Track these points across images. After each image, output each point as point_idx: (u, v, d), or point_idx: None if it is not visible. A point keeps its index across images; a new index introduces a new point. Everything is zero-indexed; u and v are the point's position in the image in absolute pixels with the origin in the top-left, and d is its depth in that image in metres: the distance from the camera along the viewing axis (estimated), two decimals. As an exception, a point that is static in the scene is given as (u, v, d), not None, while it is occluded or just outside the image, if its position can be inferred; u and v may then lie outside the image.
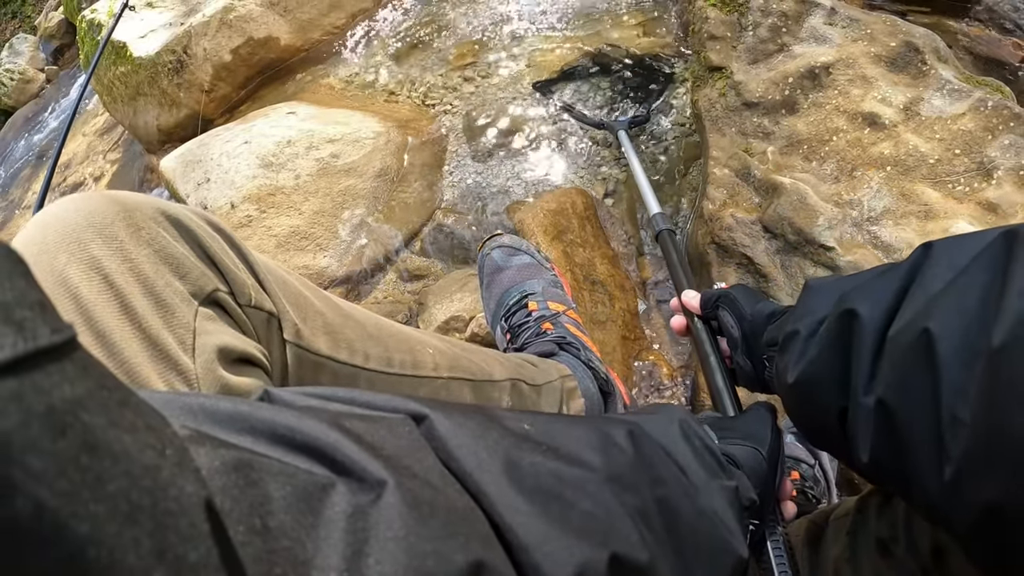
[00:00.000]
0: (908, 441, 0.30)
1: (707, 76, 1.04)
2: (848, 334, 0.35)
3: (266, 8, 1.53)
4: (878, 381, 0.32)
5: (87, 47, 1.84)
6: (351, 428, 0.20)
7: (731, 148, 0.95)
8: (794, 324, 0.40)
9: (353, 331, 0.46)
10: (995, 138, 0.84)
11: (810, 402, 0.38)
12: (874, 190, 0.85)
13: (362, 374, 0.45)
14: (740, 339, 0.51)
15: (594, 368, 0.69)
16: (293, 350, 0.41)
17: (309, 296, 0.44)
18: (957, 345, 0.27)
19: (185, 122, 1.63)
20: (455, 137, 1.21)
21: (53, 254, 0.32)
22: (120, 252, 0.33)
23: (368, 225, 1.08)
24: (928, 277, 0.32)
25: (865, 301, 0.34)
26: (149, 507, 0.12)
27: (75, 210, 0.34)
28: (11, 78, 3.05)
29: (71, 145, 2.42)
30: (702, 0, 1.08)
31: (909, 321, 0.31)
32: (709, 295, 0.56)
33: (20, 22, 3.96)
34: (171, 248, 0.35)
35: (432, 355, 0.52)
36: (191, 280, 0.35)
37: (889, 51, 0.98)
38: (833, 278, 0.43)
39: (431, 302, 0.93)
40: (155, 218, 0.35)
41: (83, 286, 0.31)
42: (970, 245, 0.31)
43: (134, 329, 0.32)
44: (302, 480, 0.18)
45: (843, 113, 0.93)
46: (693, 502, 0.30)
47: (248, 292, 0.38)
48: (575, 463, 0.25)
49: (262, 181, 1.13)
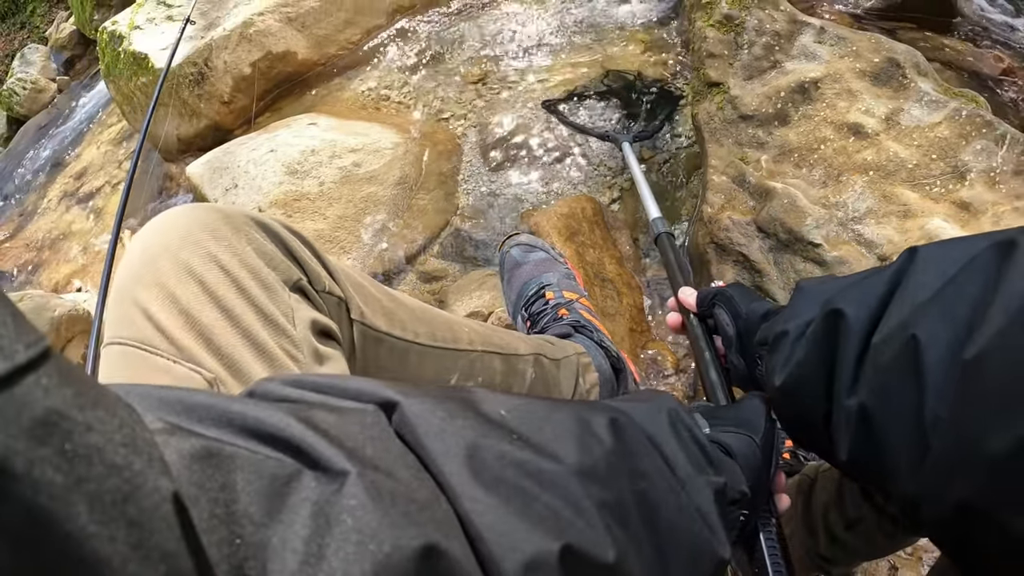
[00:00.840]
0: (887, 443, 0.31)
1: (706, 91, 1.11)
2: (834, 334, 0.35)
3: (284, 23, 1.60)
4: (861, 384, 0.33)
5: (107, 57, 1.89)
6: (318, 421, 0.21)
7: (728, 157, 1.02)
8: (783, 324, 0.41)
9: (404, 313, 0.54)
10: (968, 144, 0.90)
11: (796, 404, 0.39)
12: (858, 193, 0.91)
13: (413, 347, 0.53)
14: (734, 337, 0.51)
15: (606, 347, 0.77)
16: (359, 328, 0.49)
17: (367, 286, 0.52)
18: (943, 353, 0.28)
19: (204, 132, 1.69)
20: (469, 148, 1.28)
21: (176, 251, 0.39)
22: (229, 247, 0.40)
23: (389, 230, 1.15)
24: (913, 283, 0.32)
25: (851, 303, 0.35)
26: (123, 503, 0.13)
27: (188, 217, 0.41)
28: (23, 87, 3.11)
29: (86, 153, 2.47)
30: (701, 21, 1.16)
31: (896, 327, 0.31)
32: (705, 293, 0.57)
33: (29, 32, 4.02)
34: (264, 246, 0.42)
35: (468, 332, 0.60)
36: (282, 271, 0.42)
37: (873, 66, 1.05)
38: (823, 280, 0.43)
39: (451, 299, 1.00)
40: (247, 223, 0.43)
41: (206, 274, 0.39)
42: (956, 253, 0.31)
43: (249, 305, 0.39)
44: (268, 468, 0.19)
45: (830, 124, 1.00)
46: (676, 497, 0.29)
47: (323, 281, 0.46)
48: (545, 454, 0.25)
49: (288, 187, 1.20)
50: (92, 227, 2.08)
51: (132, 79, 1.79)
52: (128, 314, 0.38)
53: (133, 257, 0.40)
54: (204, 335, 0.38)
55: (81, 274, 1.94)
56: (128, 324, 0.38)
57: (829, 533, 0.56)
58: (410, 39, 1.65)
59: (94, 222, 2.10)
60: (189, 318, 0.38)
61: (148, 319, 0.38)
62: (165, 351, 0.37)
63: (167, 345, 0.37)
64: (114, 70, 1.87)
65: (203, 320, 0.38)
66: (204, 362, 0.37)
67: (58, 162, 2.63)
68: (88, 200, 2.22)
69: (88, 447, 0.13)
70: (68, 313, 1.37)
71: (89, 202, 2.20)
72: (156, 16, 1.86)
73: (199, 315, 0.38)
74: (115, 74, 1.87)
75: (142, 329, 0.38)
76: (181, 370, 0.37)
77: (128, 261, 0.41)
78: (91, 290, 1.84)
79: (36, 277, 2.09)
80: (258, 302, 0.39)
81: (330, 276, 0.47)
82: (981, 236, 0.31)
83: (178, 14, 1.85)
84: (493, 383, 0.62)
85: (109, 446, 0.13)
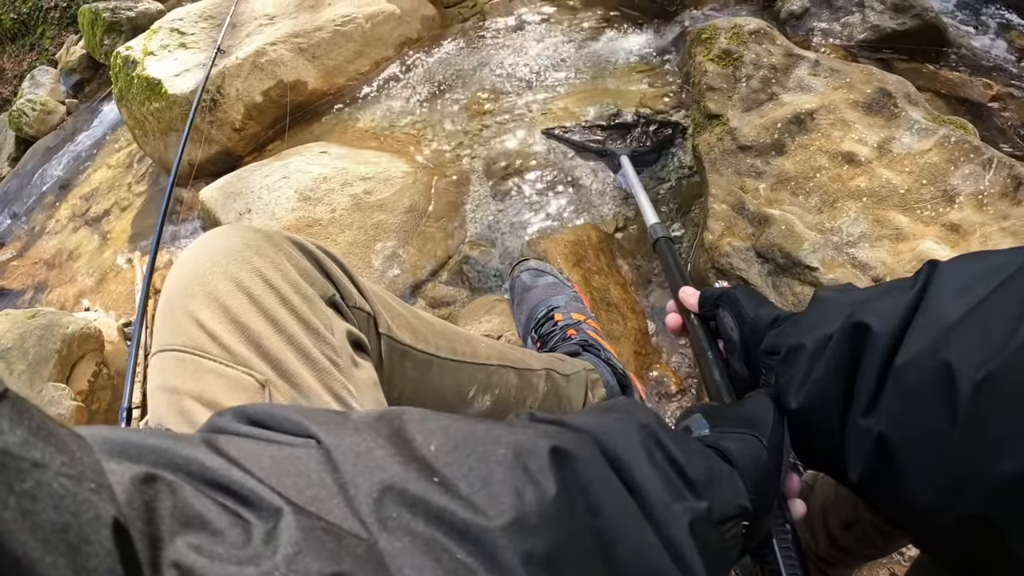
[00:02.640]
0: (906, 469, 0.30)
1: (706, 123, 1.16)
2: (858, 349, 0.33)
3: (295, 53, 1.65)
4: (881, 406, 0.31)
5: (121, 82, 1.93)
6: (255, 467, 0.22)
7: (728, 186, 1.06)
8: (799, 337, 0.38)
9: (427, 328, 0.58)
10: (957, 168, 0.94)
11: (814, 428, 0.37)
12: (852, 218, 0.94)
13: (435, 361, 0.57)
14: (739, 343, 0.49)
15: (613, 365, 0.81)
16: (386, 341, 0.52)
17: (393, 303, 0.56)
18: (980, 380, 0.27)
19: (215, 158, 1.72)
20: (476, 178, 1.32)
21: (225, 266, 0.43)
22: (272, 263, 0.44)
23: (399, 256, 1.18)
24: (937, 300, 0.31)
25: (875, 316, 0.33)
26: (63, 532, 0.14)
27: (233, 236, 0.45)
28: (33, 108, 3.14)
29: (95, 175, 2.51)
30: (701, 55, 1.21)
31: (925, 350, 0.30)
32: (709, 293, 0.54)
33: (38, 54, 4.08)
34: (301, 263, 0.46)
35: (485, 348, 0.64)
36: (318, 286, 0.46)
37: (865, 97, 1.09)
38: (843, 290, 0.41)
39: (461, 324, 1.03)
40: (286, 242, 0.46)
41: (253, 286, 0.42)
42: (977, 268, 0.30)
43: (292, 315, 0.43)
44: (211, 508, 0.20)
45: (825, 153, 1.04)
46: (638, 532, 0.27)
47: (354, 297, 0.49)
48: (467, 503, 0.22)
49: (301, 213, 1.23)
50: (100, 248, 2.11)
51: (145, 104, 1.83)
52: (181, 323, 0.41)
53: (183, 272, 0.44)
54: (254, 341, 0.41)
55: (90, 294, 1.96)
56: (181, 332, 0.41)
57: (828, 535, 0.57)
58: (418, 71, 1.70)
59: (102, 243, 2.13)
60: (239, 326, 0.41)
61: (200, 327, 0.41)
62: (218, 356, 0.40)
63: (219, 350, 0.40)
64: (127, 94, 1.91)
65: (252, 327, 0.41)
66: (255, 366, 0.40)
67: (67, 183, 2.65)
68: (97, 222, 2.24)
69: (35, 483, 0.14)
70: (80, 331, 1.40)
71: (97, 224, 2.23)
72: (170, 43, 1.91)
73: (248, 323, 0.41)
74: (128, 98, 1.91)
75: (195, 337, 0.41)
76: (233, 373, 0.40)
77: (178, 275, 0.44)
78: (100, 310, 1.86)
79: (44, 296, 2.10)
80: (300, 312, 0.43)
81: (360, 293, 0.50)
82: (1001, 252, 0.31)
83: (191, 41, 1.89)
84: (509, 396, 0.65)
85: (55, 480, 0.15)
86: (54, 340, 1.32)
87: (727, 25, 1.24)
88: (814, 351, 0.37)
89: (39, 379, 1.27)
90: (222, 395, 0.39)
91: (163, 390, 0.40)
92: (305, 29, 1.72)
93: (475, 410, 0.62)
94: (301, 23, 1.74)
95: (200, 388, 0.39)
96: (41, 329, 1.33)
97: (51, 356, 1.29)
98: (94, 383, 1.40)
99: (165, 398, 0.40)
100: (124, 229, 2.06)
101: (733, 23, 1.23)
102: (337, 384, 0.42)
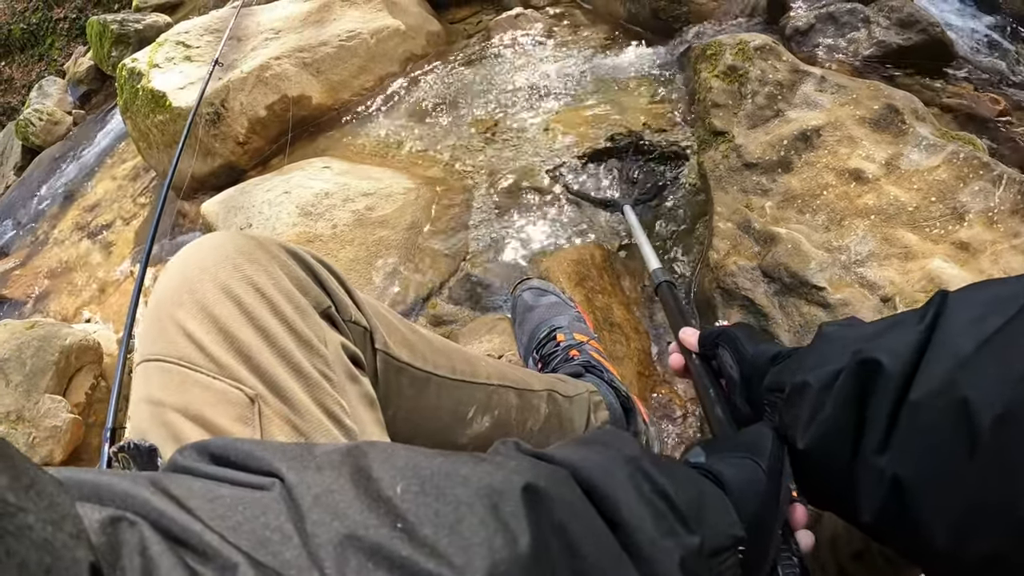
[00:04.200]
0: (922, 508, 0.29)
1: (711, 140, 1.15)
2: (868, 386, 0.32)
3: (300, 68, 1.65)
4: (894, 443, 0.30)
5: (126, 94, 1.93)
6: (214, 516, 0.22)
7: (733, 204, 1.05)
8: (804, 375, 0.37)
9: (425, 346, 0.56)
10: (966, 185, 0.93)
11: (823, 467, 0.36)
12: (860, 236, 0.93)
13: (432, 379, 0.55)
14: (739, 381, 0.48)
15: (616, 387, 0.79)
16: (382, 357, 0.50)
17: (391, 318, 0.54)
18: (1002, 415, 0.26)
19: (219, 171, 1.72)
20: (479, 195, 1.31)
21: (214, 273, 0.41)
22: (264, 271, 0.42)
23: (400, 273, 1.17)
24: (948, 333, 0.30)
25: (885, 352, 0.32)
26: (46, 573, 0.15)
27: (225, 242, 0.43)
28: (40, 118, 3.17)
29: (100, 187, 2.51)
30: (706, 72, 1.20)
31: (939, 386, 0.29)
32: (708, 332, 0.54)
33: (47, 64, 4.12)
34: (296, 272, 0.44)
35: (485, 367, 0.62)
36: (312, 297, 0.44)
37: (872, 113, 1.08)
38: (847, 324, 0.40)
39: (462, 343, 1.01)
40: (281, 250, 0.45)
41: (243, 295, 0.40)
42: (985, 296, 0.29)
43: (284, 326, 0.41)
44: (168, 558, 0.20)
45: (832, 170, 1.02)
46: (620, 571, 0.26)
47: (349, 311, 0.48)
48: (432, 552, 0.21)
49: (301, 229, 1.22)
50: (103, 260, 2.11)
51: (149, 116, 1.84)
52: (167, 332, 0.39)
53: (171, 279, 0.42)
54: (243, 353, 0.39)
55: (91, 306, 1.96)
56: (167, 342, 0.39)
57: (838, 565, 0.56)
58: (422, 87, 1.70)
59: (105, 255, 2.13)
60: (228, 336, 0.39)
61: (188, 337, 0.39)
62: (205, 367, 0.38)
63: (207, 362, 0.38)
64: (132, 106, 1.92)
65: (242, 339, 0.39)
66: (245, 379, 0.38)
67: (71, 194, 2.66)
68: (100, 233, 2.25)
69: (19, 526, 0.15)
70: (79, 343, 1.39)
71: (100, 235, 2.23)
72: (175, 56, 1.91)
73: (238, 334, 0.39)
74: (133, 110, 1.91)
75: (181, 347, 0.39)
76: (220, 385, 0.38)
77: (166, 282, 0.42)
78: (100, 322, 1.85)
79: (45, 306, 2.10)
80: (293, 323, 0.41)
81: (356, 307, 0.49)
82: (1013, 280, 0.30)
83: (196, 55, 1.90)
84: (509, 417, 0.63)
85: (38, 524, 0.15)
86: (52, 351, 1.31)
87: (732, 41, 1.23)
88: (820, 388, 0.35)
89: (36, 390, 1.26)
90: (208, 408, 0.37)
91: (146, 402, 0.39)
92: (310, 44, 1.72)
93: (474, 431, 0.60)
94: (306, 38, 1.75)
95: (185, 401, 0.38)
96: (39, 340, 1.33)
97: (48, 368, 1.29)
98: (91, 395, 1.39)
99: (148, 410, 0.38)
100: (127, 241, 2.06)
101: (738, 39, 1.23)
102: (329, 400, 0.40)
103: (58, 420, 1.24)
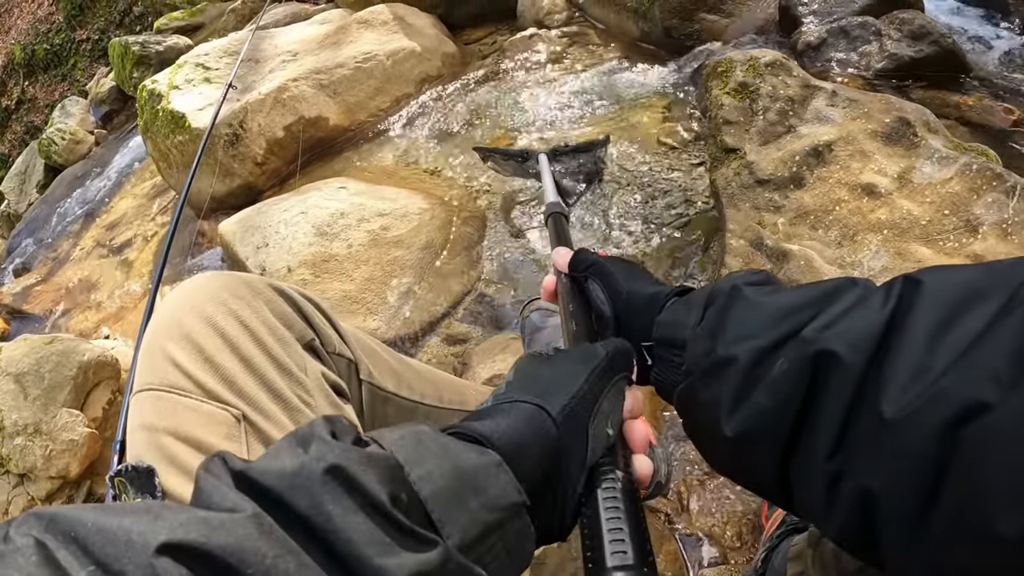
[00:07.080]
0: (890, 523, 0.27)
1: (723, 157, 1.15)
2: (822, 379, 0.29)
3: (317, 90, 1.68)
4: (851, 452, 0.28)
5: (146, 114, 1.98)
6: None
7: (746, 221, 1.04)
8: (728, 348, 0.34)
9: (412, 375, 0.57)
10: (980, 197, 0.92)
11: (752, 454, 0.33)
12: (873, 251, 0.92)
13: (420, 408, 0.57)
14: (612, 320, 0.44)
15: None
16: (367, 387, 0.52)
17: (377, 349, 0.56)
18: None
19: (237, 191, 1.76)
20: (494, 215, 1.33)
21: (201, 308, 0.44)
22: (249, 306, 0.45)
23: (415, 293, 1.18)
24: (916, 332, 0.27)
25: (842, 343, 0.29)
26: None
27: (212, 280, 0.46)
28: (62, 137, 3.24)
29: (120, 205, 2.57)
30: (718, 89, 1.21)
31: (905, 392, 0.26)
32: (583, 258, 0.49)
33: (69, 84, 4.23)
34: (280, 307, 0.47)
35: (475, 395, 0.64)
36: (296, 330, 0.47)
37: (884, 127, 1.08)
38: (765, 284, 0.37)
39: (475, 361, 1.02)
40: (266, 287, 0.47)
41: (227, 327, 0.43)
42: (956, 293, 0.27)
43: (265, 355, 0.43)
44: None
45: (844, 185, 1.02)
46: None
47: (333, 343, 0.50)
48: None
49: (317, 248, 1.24)
50: (122, 277, 2.15)
51: (169, 137, 1.88)
52: (157, 364, 0.43)
53: (162, 316, 0.45)
54: (227, 379, 0.42)
55: (109, 322, 1.99)
56: (157, 372, 0.42)
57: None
58: (437, 107, 1.72)
59: (124, 272, 2.17)
60: (213, 365, 0.42)
61: (176, 366, 0.42)
62: (192, 392, 0.41)
63: (193, 387, 0.41)
64: (152, 127, 1.96)
65: (226, 366, 0.42)
66: (230, 401, 0.41)
67: (92, 212, 2.72)
68: (120, 251, 2.29)
69: None
70: (97, 358, 1.41)
71: (120, 253, 2.28)
72: (194, 78, 1.96)
73: (223, 362, 0.42)
74: (153, 131, 1.96)
75: (170, 375, 0.42)
76: (208, 408, 0.41)
77: (157, 319, 0.45)
78: (119, 338, 1.88)
79: (65, 322, 2.14)
80: (274, 353, 0.44)
81: (341, 339, 0.51)
82: (977, 269, 0.28)
83: (215, 76, 1.94)
84: None
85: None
86: (70, 367, 1.34)
87: (743, 58, 1.23)
88: (750, 366, 0.32)
89: (53, 404, 1.29)
90: (199, 429, 0.40)
91: (142, 428, 0.42)
92: (327, 66, 1.75)
93: None
94: (323, 59, 1.78)
95: (175, 424, 0.40)
96: (58, 355, 1.35)
97: (66, 382, 1.31)
98: (108, 410, 1.41)
99: (143, 436, 0.41)
100: (146, 259, 2.10)
101: (749, 56, 1.23)
102: None
103: (75, 434, 1.26)
